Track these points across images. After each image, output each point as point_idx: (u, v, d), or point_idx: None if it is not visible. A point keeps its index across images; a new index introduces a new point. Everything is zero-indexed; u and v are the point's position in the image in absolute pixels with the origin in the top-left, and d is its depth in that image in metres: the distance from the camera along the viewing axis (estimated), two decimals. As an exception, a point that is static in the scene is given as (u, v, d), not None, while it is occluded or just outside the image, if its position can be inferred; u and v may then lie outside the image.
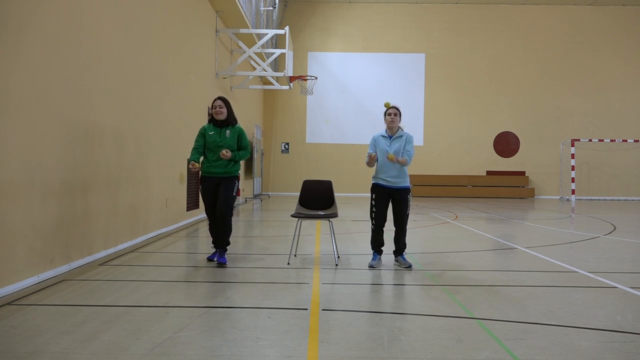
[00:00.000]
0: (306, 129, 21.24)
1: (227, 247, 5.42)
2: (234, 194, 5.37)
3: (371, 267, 5.12)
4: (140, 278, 4.64)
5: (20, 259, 4.09)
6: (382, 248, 5.28)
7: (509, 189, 20.76)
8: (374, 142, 5.29)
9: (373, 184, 5.27)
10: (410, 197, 5.27)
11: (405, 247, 5.31)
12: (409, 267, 5.15)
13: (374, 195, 5.22)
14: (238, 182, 5.43)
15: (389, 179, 5.13)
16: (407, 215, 5.24)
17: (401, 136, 5.23)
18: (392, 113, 5.20)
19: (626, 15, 21.12)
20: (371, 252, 5.35)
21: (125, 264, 5.29)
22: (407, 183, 5.22)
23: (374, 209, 5.20)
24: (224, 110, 5.40)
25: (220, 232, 5.30)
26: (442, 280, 4.65)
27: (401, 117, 5.28)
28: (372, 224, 5.22)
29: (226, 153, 5.13)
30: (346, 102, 20.96)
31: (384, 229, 5.25)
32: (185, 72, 9.20)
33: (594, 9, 21.17)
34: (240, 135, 5.45)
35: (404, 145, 5.18)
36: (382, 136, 5.27)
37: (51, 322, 3.27)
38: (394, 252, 5.33)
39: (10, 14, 3.95)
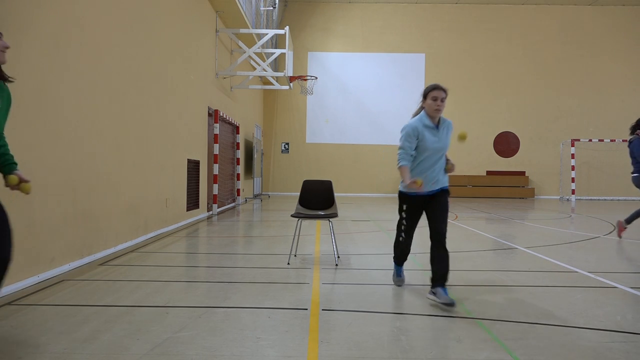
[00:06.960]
0: (306, 129, 21.23)
1: None
2: None
3: (399, 285, 4.32)
4: (140, 278, 4.64)
5: (20, 259, 4.08)
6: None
7: (509, 189, 20.76)
8: (416, 135, 3.83)
9: (405, 193, 4.01)
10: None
11: (448, 273, 3.76)
12: (451, 304, 3.57)
13: (404, 206, 4.05)
14: None
15: (429, 186, 3.89)
16: (446, 224, 3.88)
17: (444, 122, 3.97)
18: (440, 97, 3.83)
19: (626, 15, 21.13)
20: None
21: (125, 264, 5.29)
22: (446, 182, 3.99)
23: (404, 222, 4.09)
24: None
25: None
26: (442, 280, 4.63)
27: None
28: (402, 237, 4.14)
29: None
30: (346, 102, 20.95)
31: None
32: (185, 72, 9.20)
33: (594, 9, 21.17)
34: None
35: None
36: (426, 126, 3.87)
37: (51, 322, 3.27)
38: (432, 279, 3.78)
39: (10, 14, 3.95)
